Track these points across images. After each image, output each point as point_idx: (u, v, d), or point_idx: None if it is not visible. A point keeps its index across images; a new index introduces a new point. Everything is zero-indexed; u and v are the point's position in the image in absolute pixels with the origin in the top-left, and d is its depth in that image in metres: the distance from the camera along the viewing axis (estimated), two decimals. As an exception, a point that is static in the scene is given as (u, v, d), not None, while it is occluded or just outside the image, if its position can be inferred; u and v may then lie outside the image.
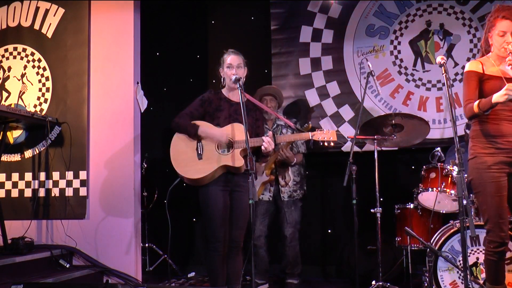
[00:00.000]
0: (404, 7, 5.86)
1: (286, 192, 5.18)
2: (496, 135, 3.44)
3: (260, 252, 5.20)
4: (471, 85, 3.49)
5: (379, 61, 5.86)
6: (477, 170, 3.47)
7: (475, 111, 3.39)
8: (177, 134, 4.09)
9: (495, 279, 3.48)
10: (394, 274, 5.03)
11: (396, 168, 5.81)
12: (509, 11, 3.43)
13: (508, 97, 3.22)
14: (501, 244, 3.39)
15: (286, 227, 5.18)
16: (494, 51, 3.52)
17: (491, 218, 3.42)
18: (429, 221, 4.64)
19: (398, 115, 4.71)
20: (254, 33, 6.26)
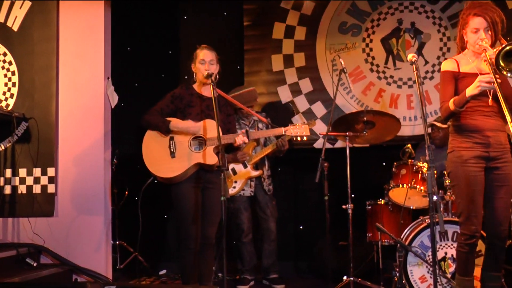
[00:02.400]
0: (376, 5, 5.90)
1: (266, 186, 5.20)
2: (473, 130, 3.47)
3: (249, 249, 5.20)
4: (447, 86, 3.52)
5: (351, 59, 5.89)
6: (454, 163, 3.51)
7: (451, 108, 3.41)
8: (149, 131, 4.05)
9: (465, 270, 3.53)
10: (365, 269, 5.07)
11: (367, 164, 5.85)
12: (480, 8, 3.46)
13: (481, 88, 3.25)
14: (472, 237, 3.44)
15: (270, 222, 5.19)
16: (470, 48, 3.54)
17: (464, 211, 3.46)
18: (399, 217, 4.69)
19: (370, 112, 4.74)
20: (226, 29, 6.23)
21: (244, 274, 5.19)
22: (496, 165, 3.47)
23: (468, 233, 3.44)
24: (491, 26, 3.42)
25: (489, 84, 3.23)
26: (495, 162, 3.47)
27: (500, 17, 3.45)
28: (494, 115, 3.48)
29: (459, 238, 3.52)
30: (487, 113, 3.47)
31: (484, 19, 3.41)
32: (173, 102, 4.05)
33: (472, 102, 3.41)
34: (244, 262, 5.19)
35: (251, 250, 5.21)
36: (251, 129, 5.20)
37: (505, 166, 3.48)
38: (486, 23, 3.41)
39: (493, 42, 3.46)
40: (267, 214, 5.20)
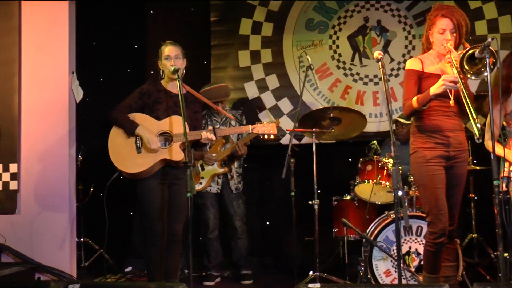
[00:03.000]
0: (343, 3, 5.94)
1: (233, 185, 5.20)
2: (435, 130, 3.53)
3: (215, 246, 5.20)
4: (411, 84, 3.57)
5: (318, 55, 5.92)
6: (417, 164, 3.57)
7: (414, 106, 3.47)
8: (115, 126, 4.00)
9: (432, 268, 3.60)
10: (331, 264, 5.13)
11: (333, 160, 5.89)
12: (448, 9, 3.53)
13: (446, 87, 3.31)
14: (441, 235, 3.50)
15: (236, 220, 5.19)
16: (435, 49, 3.60)
17: (431, 210, 3.52)
18: (365, 212, 4.75)
19: (336, 109, 4.79)
20: (193, 24, 6.18)
21: (210, 271, 5.19)
22: (454, 164, 3.55)
23: (438, 232, 3.50)
24: (456, 28, 3.50)
25: (453, 84, 3.30)
26: (453, 161, 3.55)
27: (465, 21, 3.53)
28: (454, 116, 3.57)
29: (427, 238, 3.58)
30: (448, 114, 3.55)
31: (451, 21, 3.48)
32: (141, 98, 4.02)
33: (434, 102, 3.48)
34: (210, 258, 5.20)
35: (217, 246, 5.21)
36: (223, 125, 5.19)
37: (462, 166, 3.58)
38: (452, 25, 3.48)
39: (457, 45, 3.53)
40: (231, 212, 5.20)
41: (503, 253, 3.05)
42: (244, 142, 5.07)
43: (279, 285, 5.13)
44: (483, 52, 3.16)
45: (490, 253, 4.82)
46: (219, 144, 5.12)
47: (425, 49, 3.70)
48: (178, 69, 3.85)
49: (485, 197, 4.84)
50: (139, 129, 3.92)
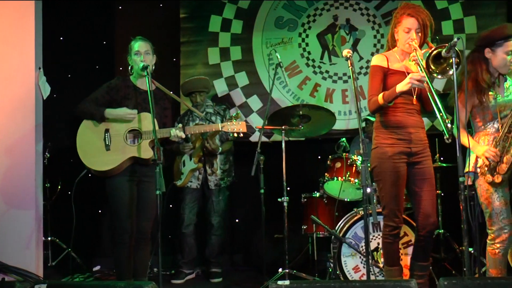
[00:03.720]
0: (312, 1, 5.98)
1: (213, 181, 5.19)
2: (397, 126, 3.59)
3: (189, 241, 5.18)
4: (376, 80, 3.62)
5: (288, 53, 5.95)
6: (378, 159, 3.62)
7: (380, 103, 3.51)
8: (84, 122, 3.96)
9: (391, 260, 3.66)
10: (300, 261, 5.16)
11: (303, 158, 5.92)
12: (414, 9, 3.59)
13: (412, 85, 3.36)
14: (395, 228, 3.61)
15: (213, 215, 5.19)
16: (400, 46, 3.65)
17: (388, 204, 3.59)
18: (334, 209, 4.78)
19: (306, 106, 4.81)
20: (163, 20, 6.13)
21: (181, 268, 5.16)
22: (417, 159, 3.62)
23: (393, 225, 3.59)
24: (422, 28, 3.56)
25: (419, 82, 3.35)
26: (416, 157, 3.61)
27: (430, 22, 3.60)
28: (416, 113, 3.64)
29: (383, 231, 3.66)
30: (410, 111, 3.62)
31: (417, 21, 3.54)
32: (108, 93, 3.98)
33: (398, 100, 3.54)
34: (184, 254, 5.19)
35: (190, 242, 5.19)
36: (202, 121, 5.18)
37: (426, 161, 3.64)
38: (418, 24, 3.54)
39: (421, 44, 3.59)
40: (210, 207, 5.20)
41: (468, 248, 3.12)
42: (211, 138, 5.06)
43: (249, 283, 5.14)
44: (449, 52, 3.22)
45: (456, 248, 4.92)
46: (198, 140, 5.11)
47: (390, 46, 3.75)
48: (147, 66, 3.82)
49: (451, 193, 4.92)
50: (107, 111, 3.87)
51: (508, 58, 3.47)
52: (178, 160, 5.20)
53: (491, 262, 3.52)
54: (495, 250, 3.49)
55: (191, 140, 5.12)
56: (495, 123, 3.54)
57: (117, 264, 3.97)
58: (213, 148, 5.06)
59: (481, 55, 3.57)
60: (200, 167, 5.13)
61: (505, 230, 3.46)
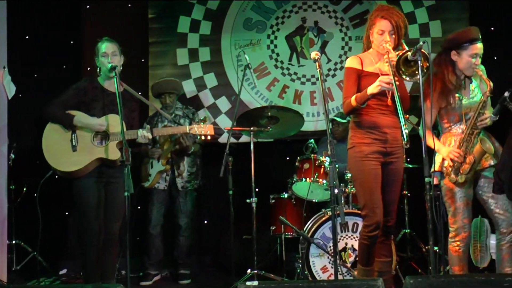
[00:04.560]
0: (281, 3, 6.01)
1: (180, 183, 5.17)
2: (372, 126, 3.63)
3: (155, 242, 5.16)
4: (350, 82, 3.65)
5: (256, 55, 5.96)
6: (355, 159, 3.65)
7: (353, 105, 3.56)
8: (50, 124, 3.90)
9: (367, 261, 3.70)
10: (269, 262, 5.18)
11: (271, 159, 5.95)
12: (388, 11, 3.63)
13: (381, 87, 3.41)
14: (375, 228, 3.59)
15: (180, 217, 5.17)
16: (374, 48, 3.69)
17: (367, 203, 3.61)
18: (302, 210, 4.82)
19: (274, 108, 4.84)
20: (131, 20, 6.08)
21: (148, 269, 5.13)
22: (391, 160, 3.66)
23: (372, 224, 3.59)
24: (395, 30, 3.60)
25: (388, 85, 3.40)
26: (390, 157, 3.66)
27: (404, 23, 3.65)
28: (391, 114, 3.67)
29: (362, 231, 3.67)
30: (385, 112, 3.66)
31: (390, 23, 3.58)
32: (76, 95, 3.93)
33: (372, 101, 3.58)
34: (150, 255, 5.15)
35: (157, 243, 5.16)
36: (170, 123, 5.15)
37: (398, 162, 3.70)
38: (391, 26, 3.58)
39: (396, 46, 3.64)
40: (177, 208, 5.19)
41: (433, 247, 3.18)
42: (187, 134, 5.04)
43: (217, 284, 5.14)
44: (415, 55, 3.28)
45: (422, 247, 5.01)
46: (166, 142, 5.09)
47: (365, 48, 3.79)
48: (116, 67, 3.79)
49: (417, 193, 5.01)
50: (76, 119, 3.83)
51: (473, 61, 3.55)
52: (146, 161, 5.18)
53: (453, 259, 3.60)
54: (455, 247, 3.58)
55: (159, 142, 5.10)
56: (461, 124, 3.63)
57: (84, 266, 3.92)
58: (187, 145, 5.02)
59: (447, 57, 3.64)
60: (167, 169, 5.11)
61: (464, 229, 3.55)
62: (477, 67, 3.55)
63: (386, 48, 3.52)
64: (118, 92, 3.63)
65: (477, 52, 3.55)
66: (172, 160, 5.15)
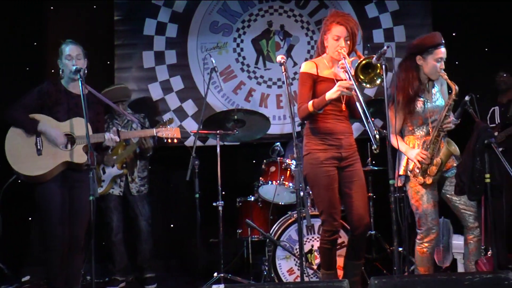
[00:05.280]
0: (247, 7, 6.02)
1: (134, 188, 5.12)
2: (327, 132, 3.67)
3: (119, 249, 5.10)
4: (305, 87, 3.68)
5: (223, 58, 5.97)
6: (311, 165, 3.68)
7: (310, 110, 3.58)
8: (13, 128, 3.82)
9: (328, 265, 3.74)
10: (235, 265, 5.18)
11: (238, 162, 5.96)
12: (343, 17, 3.68)
13: (341, 92, 3.45)
14: (334, 233, 3.65)
15: (140, 221, 5.13)
16: (329, 53, 3.73)
17: (325, 209, 3.65)
18: (269, 213, 4.83)
19: (240, 111, 4.85)
20: (96, 22, 6.00)
21: (114, 275, 5.08)
22: (347, 163, 3.71)
23: (332, 229, 3.65)
24: (350, 36, 3.65)
25: (348, 90, 3.44)
26: (346, 161, 3.71)
27: (359, 30, 3.71)
28: (345, 120, 3.74)
29: (322, 236, 3.71)
30: (339, 118, 3.71)
31: (346, 29, 3.63)
32: (40, 98, 3.86)
33: (327, 107, 3.61)
34: (115, 262, 5.09)
35: (121, 250, 5.12)
36: (123, 129, 5.11)
37: (355, 163, 3.75)
38: (347, 32, 3.63)
39: (350, 52, 3.69)
40: (136, 213, 5.15)
41: (397, 248, 3.23)
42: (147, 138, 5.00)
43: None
44: (380, 59, 3.33)
45: (387, 248, 5.08)
46: (120, 146, 5.04)
47: (319, 53, 3.82)
48: (80, 69, 3.74)
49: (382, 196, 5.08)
50: (41, 126, 3.77)
51: (438, 65, 3.63)
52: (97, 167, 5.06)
53: (419, 260, 3.67)
54: (423, 249, 3.64)
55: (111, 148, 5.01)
56: (424, 127, 3.70)
57: (48, 273, 3.86)
58: (148, 147, 4.99)
59: (412, 62, 3.71)
60: (125, 173, 5.05)
61: (433, 230, 3.61)
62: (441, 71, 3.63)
63: (342, 54, 3.56)
64: (83, 95, 3.58)
65: (442, 56, 3.63)
66: (126, 165, 5.09)
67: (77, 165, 3.80)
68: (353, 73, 3.43)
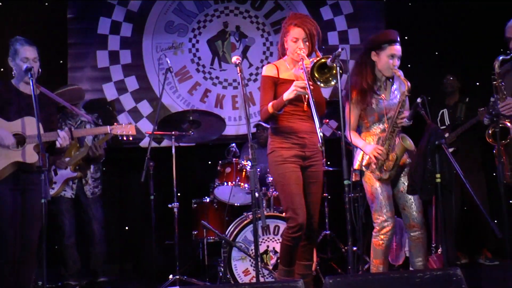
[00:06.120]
0: (203, 7, 6.01)
1: (88, 190, 5.01)
2: (291, 131, 3.71)
3: (72, 253, 4.97)
4: (267, 90, 3.72)
5: (178, 58, 5.94)
6: (275, 163, 3.71)
7: (270, 111, 3.62)
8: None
9: (289, 261, 3.76)
10: (191, 267, 5.16)
11: (193, 163, 5.93)
12: (301, 19, 3.72)
13: (297, 92, 3.48)
14: (299, 229, 3.64)
15: (93, 224, 5.02)
16: (289, 55, 3.77)
17: (289, 206, 3.67)
18: (224, 214, 4.83)
19: (196, 112, 4.84)
20: (48, 20, 5.85)
21: (67, 280, 4.96)
22: (310, 163, 3.75)
23: (296, 226, 3.65)
24: (309, 37, 3.69)
25: (303, 90, 3.47)
26: (309, 161, 3.75)
27: (317, 31, 3.75)
28: (308, 119, 3.77)
29: (286, 232, 3.72)
30: (303, 117, 3.75)
31: (304, 31, 3.67)
32: (-11, 98, 3.74)
33: (290, 107, 3.65)
34: (67, 267, 4.97)
35: (74, 254, 5.00)
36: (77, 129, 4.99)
37: (317, 165, 3.79)
38: (304, 34, 3.67)
39: (310, 53, 3.73)
40: (89, 216, 5.04)
41: (351, 247, 3.27)
42: (100, 143, 4.90)
43: (139, 291, 5.07)
44: (334, 61, 3.37)
45: (341, 247, 5.14)
46: (74, 148, 4.93)
47: (280, 55, 3.87)
48: (31, 68, 3.63)
49: (336, 196, 5.15)
50: None
51: (390, 61, 3.69)
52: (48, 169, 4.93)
53: (374, 253, 3.72)
54: (379, 241, 3.69)
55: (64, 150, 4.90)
56: (380, 124, 3.76)
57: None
58: (99, 155, 4.88)
59: (368, 58, 3.77)
60: (80, 176, 4.94)
61: (388, 222, 3.66)
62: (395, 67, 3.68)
63: (301, 55, 3.60)
64: (34, 95, 3.49)
65: (395, 53, 3.69)
66: (79, 167, 4.98)
67: (28, 166, 3.70)
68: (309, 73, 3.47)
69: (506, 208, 3.67)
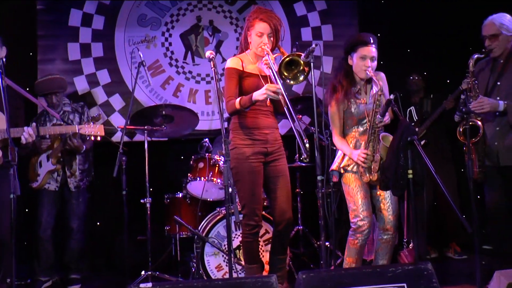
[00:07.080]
0: (176, 1, 5.96)
1: (72, 183, 4.92)
2: (254, 127, 3.72)
3: (46, 246, 4.87)
4: (232, 82, 3.72)
5: (151, 52, 5.88)
6: (236, 160, 3.71)
7: (237, 107, 3.62)
8: None
9: (252, 258, 3.79)
10: (163, 262, 5.11)
11: (166, 158, 5.90)
12: (266, 14, 3.72)
13: (267, 96, 3.49)
14: (255, 227, 3.72)
15: (73, 219, 4.94)
16: (252, 49, 3.77)
17: (247, 204, 3.70)
18: (197, 209, 4.82)
19: (169, 106, 4.81)
20: (17, 11, 5.73)
21: (38, 276, 4.86)
22: (273, 158, 3.78)
23: (253, 224, 3.71)
24: (273, 33, 3.71)
25: (274, 94, 3.47)
26: (272, 156, 3.78)
27: (281, 26, 3.76)
28: (270, 115, 3.81)
29: (243, 229, 3.76)
30: (265, 113, 3.78)
31: (269, 26, 3.68)
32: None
33: None
34: (40, 260, 4.87)
35: (48, 247, 4.89)
36: (59, 121, 4.90)
37: (281, 159, 3.82)
38: (270, 29, 3.69)
39: (273, 48, 3.74)
40: (68, 211, 4.95)
41: (324, 242, 3.30)
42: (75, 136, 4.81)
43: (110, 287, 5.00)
44: (308, 57, 3.38)
45: (314, 243, 5.17)
46: (56, 140, 4.83)
47: (243, 49, 3.87)
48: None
49: (309, 191, 5.18)
50: None
51: (362, 62, 3.72)
52: (34, 160, 4.88)
53: (348, 251, 3.76)
54: (355, 240, 3.72)
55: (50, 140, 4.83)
56: (359, 126, 3.79)
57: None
58: (76, 146, 4.78)
59: (345, 63, 3.82)
60: (58, 169, 4.86)
61: (364, 222, 3.70)
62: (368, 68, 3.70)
63: (266, 50, 3.61)
64: (2, 88, 3.42)
65: (366, 54, 3.71)
66: (63, 160, 4.90)
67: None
68: (276, 70, 3.47)
69: (474, 203, 3.74)
